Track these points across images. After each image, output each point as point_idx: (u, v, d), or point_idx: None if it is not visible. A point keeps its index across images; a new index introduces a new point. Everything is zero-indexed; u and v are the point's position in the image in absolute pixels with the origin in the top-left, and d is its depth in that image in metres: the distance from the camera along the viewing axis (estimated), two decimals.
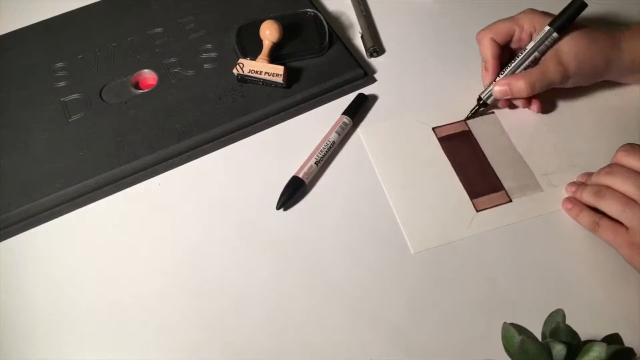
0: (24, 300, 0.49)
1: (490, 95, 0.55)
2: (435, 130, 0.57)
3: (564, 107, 0.58)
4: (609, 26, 0.55)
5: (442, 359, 0.44)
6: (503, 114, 0.58)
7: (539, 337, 0.35)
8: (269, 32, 0.60)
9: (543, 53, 0.53)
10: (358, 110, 0.59)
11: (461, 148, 0.56)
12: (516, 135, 0.56)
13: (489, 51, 0.55)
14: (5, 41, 0.67)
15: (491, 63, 0.55)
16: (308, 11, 0.65)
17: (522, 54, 0.54)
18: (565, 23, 0.52)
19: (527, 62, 0.54)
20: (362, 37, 0.66)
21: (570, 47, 0.52)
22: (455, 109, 0.58)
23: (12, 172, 0.56)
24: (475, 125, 0.57)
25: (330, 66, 0.62)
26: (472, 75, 0.61)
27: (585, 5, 0.51)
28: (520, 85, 0.53)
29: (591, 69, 0.53)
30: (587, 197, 0.49)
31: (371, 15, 0.68)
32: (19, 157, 0.57)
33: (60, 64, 0.64)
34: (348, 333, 0.46)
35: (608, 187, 0.47)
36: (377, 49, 0.64)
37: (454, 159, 0.55)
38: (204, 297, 0.48)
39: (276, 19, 0.61)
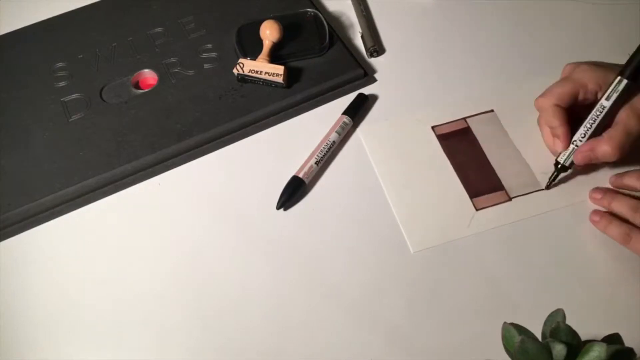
0: (24, 300, 0.49)
1: (571, 161, 0.52)
2: (435, 128, 0.57)
3: None
4: None
5: (442, 359, 0.44)
6: (502, 113, 0.58)
7: (539, 337, 0.35)
8: (269, 32, 0.60)
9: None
10: (358, 110, 0.59)
11: (460, 146, 0.56)
12: (515, 133, 0.56)
13: (556, 119, 0.51)
14: (5, 41, 0.68)
15: (562, 130, 0.51)
16: (308, 11, 0.65)
17: (599, 115, 0.50)
18: (638, 70, 0.49)
19: (604, 122, 0.51)
20: (362, 37, 0.66)
21: None
22: (454, 107, 0.58)
23: (12, 172, 0.56)
24: (474, 124, 0.57)
25: (330, 66, 0.62)
26: (472, 74, 0.61)
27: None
28: (606, 150, 0.49)
29: None
30: (619, 208, 0.48)
31: (371, 15, 0.68)
32: (19, 157, 0.57)
33: (60, 64, 0.64)
34: (348, 333, 0.46)
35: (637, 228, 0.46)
36: (377, 49, 0.64)
37: (454, 158, 0.55)
38: (204, 297, 0.48)
39: (276, 18, 0.61)
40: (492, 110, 0.58)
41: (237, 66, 0.60)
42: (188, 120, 0.58)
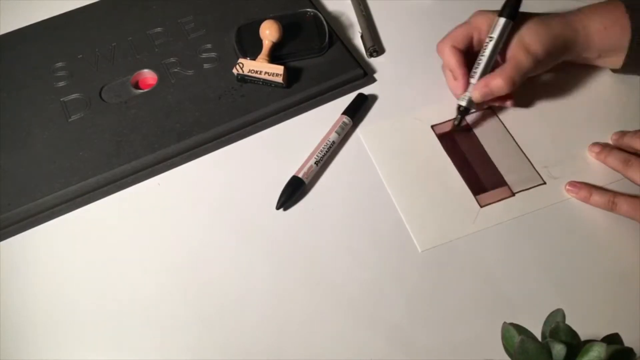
0: (24, 300, 0.49)
1: (471, 101, 0.55)
2: (434, 127, 0.57)
3: (558, 99, 0.58)
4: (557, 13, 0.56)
5: (442, 359, 0.44)
6: (501, 109, 0.58)
7: (539, 337, 0.35)
8: (268, 32, 0.60)
9: (503, 47, 0.54)
10: (358, 110, 0.59)
11: (461, 144, 0.56)
12: (514, 128, 0.56)
13: (453, 60, 0.55)
14: (5, 41, 0.68)
15: (459, 71, 0.55)
16: (308, 11, 0.65)
17: (486, 52, 0.54)
18: (514, 10, 0.53)
19: (493, 60, 0.54)
20: (362, 37, 0.66)
21: (532, 36, 0.53)
22: (453, 106, 0.58)
23: (12, 172, 0.56)
24: (473, 121, 0.57)
25: (330, 66, 0.62)
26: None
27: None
28: (499, 83, 0.53)
29: (555, 51, 0.54)
30: (612, 161, 0.51)
31: (371, 15, 0.68)
32: (19, 157, 0.57)
33: (60, 64, 0.64)
34: (348, 333, 0.46)
35: (638, 156, 0.48)
36: (377, 48, 0.64)
37: (455, 156, 0.55)
38: (204, 297, 0.48)
39: (276, 18, 0.61)
40: (490, 107, 0.58)
41: (237, 66, 0.60)
42: (188, 120, 0.58)
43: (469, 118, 0.58)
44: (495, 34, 0.53)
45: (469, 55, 0.56)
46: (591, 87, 0.59)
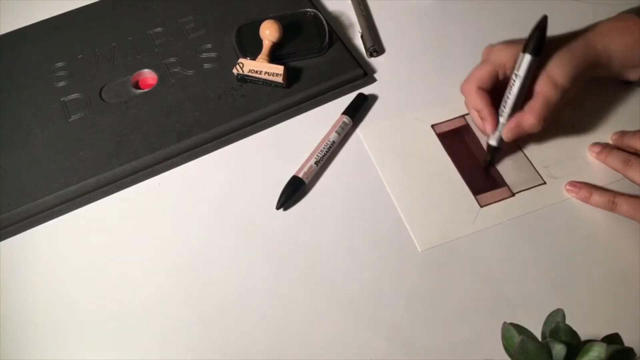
0: (24, 300, 0.49)
1: (501, 140, 0.53)
2: (434, 127, 0.57)
3: None
4: (574, 32, 0.55)
5: (442, 359, 0.44)
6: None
7: (539, 337, 0.35)
8: (268, 32, 0.60)
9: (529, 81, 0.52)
10: (358, 110, 0.59)
11: (461, 144, 0.56)
12: None
13: (480, 102, 0.53)
14: (5, 41, 0.68)
15: (487, 112, 0.53)
16: (308, 11, 0.65)
17: (514, 90, 0.51)
18: (539, 45, 0.50)
19: (522, 97, 0.52)
20: (362, 37, 0.66)
21: (556, 66, 0.51)
22: (454, 106, 0.58)
23: (12, 172, 0.56)
24: (473, 122, 0.57)
25: (330, 66, 0.62)
26: None
27: (547, 18, 0.50)
28: (531, 121, 0.51)
29: (581, 77, 0.52)
30: (612, 161, 0.51)
31: (371, 15, 0.68)
32: (19, 157, 0.57)
33: (60, 64, 0.64)
34: (348, 333, 0.46)
35: (638, 156, 0.48)
36: (377, 48, 0.64)
37: (455, 156, 0.55)
38: (204, 297, 0.48)
39: (276, 18, 0.61)
40: None
41: (237, 66, 0.60)
42: (188, 120, 0.58)
43: (469, 118, 0.57)
44: (521, 72, 0.50)
45: (495, 90, 0.54)
46: (592, 87, 0.59)
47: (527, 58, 0.50)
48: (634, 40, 0.53)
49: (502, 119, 0.52)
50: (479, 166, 0.55)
